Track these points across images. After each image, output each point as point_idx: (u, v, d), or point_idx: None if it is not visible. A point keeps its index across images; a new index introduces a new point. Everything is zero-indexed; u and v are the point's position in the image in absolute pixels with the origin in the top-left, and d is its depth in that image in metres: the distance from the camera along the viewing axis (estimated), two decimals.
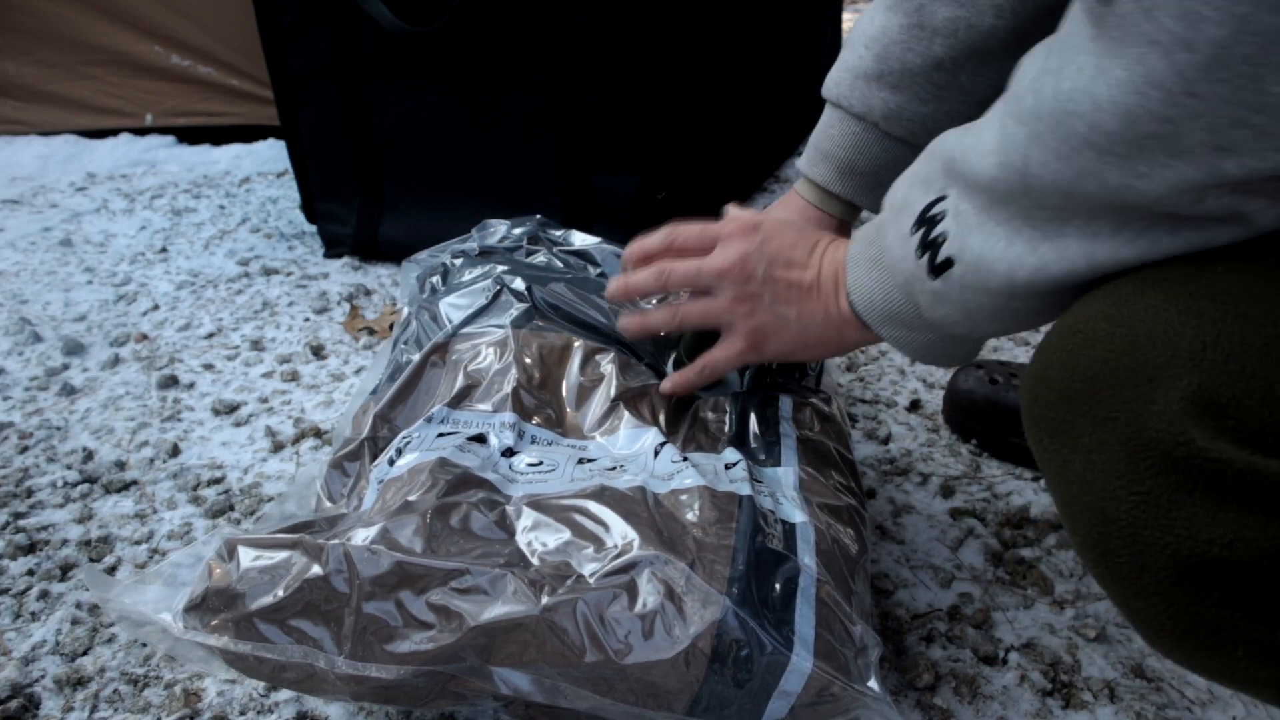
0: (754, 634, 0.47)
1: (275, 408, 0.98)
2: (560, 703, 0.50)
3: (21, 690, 0.64)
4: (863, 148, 0.67)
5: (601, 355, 0.67)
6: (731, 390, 0.71)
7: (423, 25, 1.13)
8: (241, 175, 1.75)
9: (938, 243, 0.45)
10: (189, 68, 1.81)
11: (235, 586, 0.49)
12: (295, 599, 0.48)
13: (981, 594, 0.73)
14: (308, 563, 0.48)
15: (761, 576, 0.50)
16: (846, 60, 0.67)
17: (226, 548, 0.50)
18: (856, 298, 0.54)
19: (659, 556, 0.49)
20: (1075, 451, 0.38)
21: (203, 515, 0.81)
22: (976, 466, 0.88)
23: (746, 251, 0.59)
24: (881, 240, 0.52)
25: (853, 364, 1.06)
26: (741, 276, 0.59)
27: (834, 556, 0.54)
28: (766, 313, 0.59)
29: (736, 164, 1.56)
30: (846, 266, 0.55)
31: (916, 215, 0.47)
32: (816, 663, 0.47)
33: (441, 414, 0.62)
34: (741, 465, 0.58)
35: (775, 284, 0.58)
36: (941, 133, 0.48)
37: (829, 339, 0.59)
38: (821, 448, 0.64)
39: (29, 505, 0.83)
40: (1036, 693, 0.64)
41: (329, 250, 1.37)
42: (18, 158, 1.80)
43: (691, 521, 0.52)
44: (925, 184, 0.47)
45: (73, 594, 0.73)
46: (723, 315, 0.61)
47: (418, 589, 0.48)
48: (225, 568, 0.50)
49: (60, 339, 1.12)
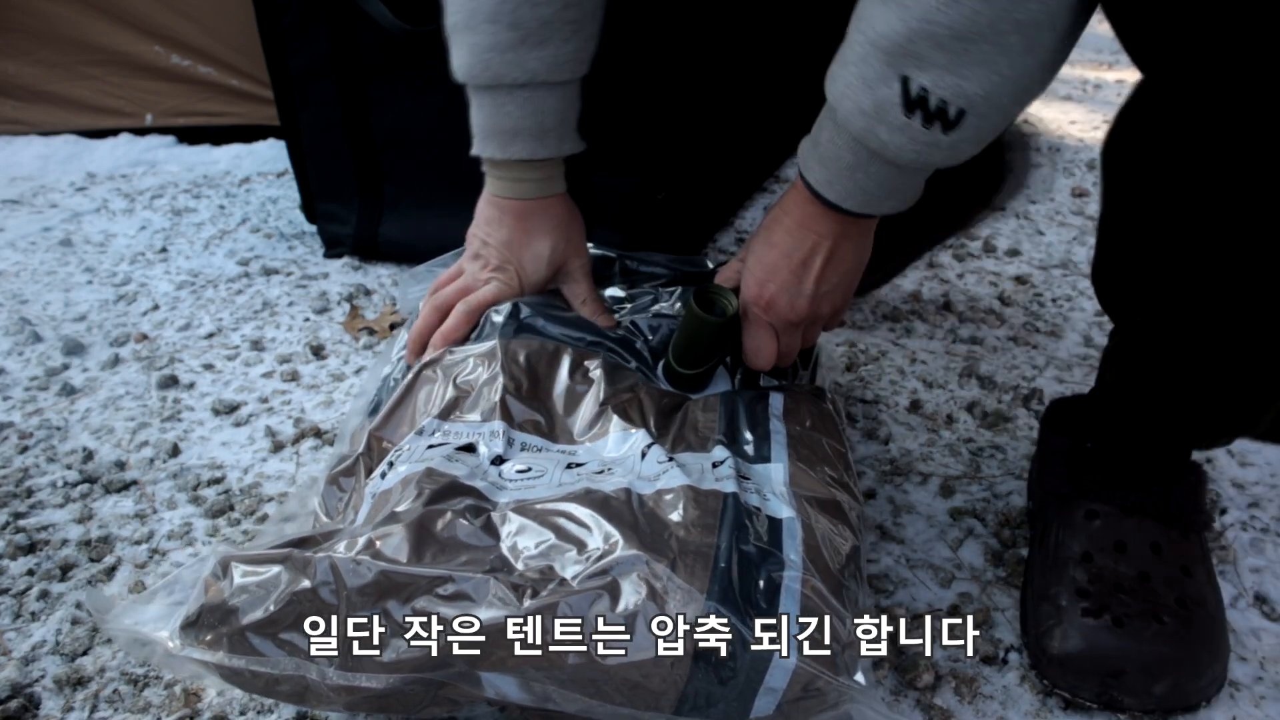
0: (736, 631, 0.47)
1: (275, 408, 0.98)
2: (549, 706, 0.50)
3: (21, 690, 0.64)
4: (542, 107, 0.69)
5: (590, 361, 0.68)
6: (722, 389, 0.70)
7: (423, 25, 1.13)
8: (241, 175, 1.75)
9: (944, 108, 0.50)
10: (189, 68, 1.81)
11: (229, 602, 0.50)
12: (286, 612, 0.49)
13: (981, 594, 0.73)
14: (296, 576, 0.49)
15: (744, 573, 0.50)
16: (478, 44, 0.66)
17: (221, 565, 0.51)
18: (854, 204, 0.59)
19: (640, 557, 0.49)
20: None
21: (203, 515, 0.81)
22: (976, 467, 0.88)
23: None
24: (867, 146, 0.55)
25: (853, 364, 1.06)
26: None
27: (821, 551, 0.54)
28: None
29: (736, 164, 1.56)
30: (819, 198, 0.60)
31: (900, 104, 0.51)
32: (800, 658, 0.47)
33: (432, 426, 0.62)
34: (728, 463, 0.58)
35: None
36: (588, 57, 0.68)
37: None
38: (813, 442, 0.64)
39: (29, 505, 0.83)
40: (1036, 693, 0.64)
41: (329, 250, 1.37)
42: (18, 158, 1.79)
43: (675, 521, 0.53)
44: (881, 81, 0.51)
45: (73, 594, 0.73)
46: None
47: (403, 597, 0.49)
48: (219, 584, 0.51)
49: (60, 339, 1.12)
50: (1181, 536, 0.67)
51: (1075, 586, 0.65)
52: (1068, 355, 1.10)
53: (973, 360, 1.07)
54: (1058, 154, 1.86)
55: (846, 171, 0.58)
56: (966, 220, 1.04)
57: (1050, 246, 1.41)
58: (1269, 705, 0.64)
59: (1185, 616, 0.62)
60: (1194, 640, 0.61)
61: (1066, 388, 1.02)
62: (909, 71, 0.50)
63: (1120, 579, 0.65)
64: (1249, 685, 0.65)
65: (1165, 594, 0.63)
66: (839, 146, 0.57)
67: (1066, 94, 2.34)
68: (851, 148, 0.56)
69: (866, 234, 0.65)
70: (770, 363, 0.68)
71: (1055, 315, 1.19)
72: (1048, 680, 0.63)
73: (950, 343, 1.12)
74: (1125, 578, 0.64)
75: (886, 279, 1.17)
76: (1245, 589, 0.74)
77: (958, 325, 1.16)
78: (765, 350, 0.68)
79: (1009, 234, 1.45)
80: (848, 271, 0.66)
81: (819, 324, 0.70)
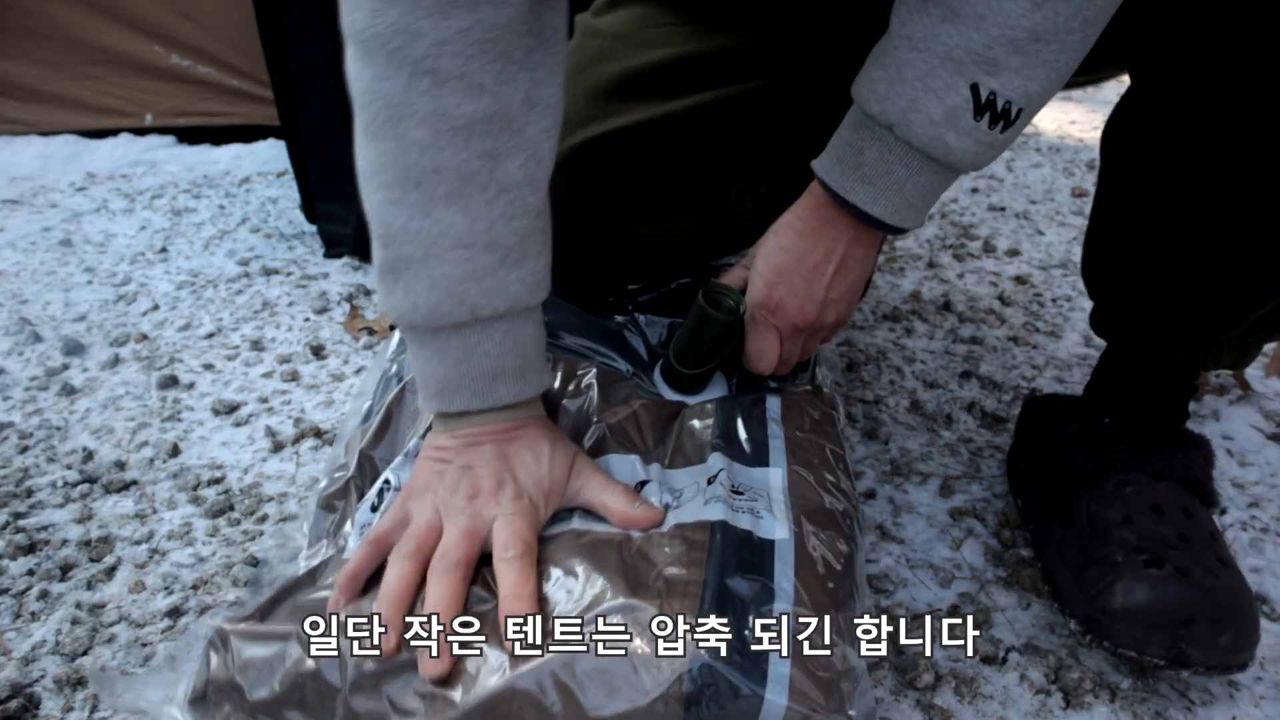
0: (722, 677, 0.45)
1: (275, 408, 0.98)
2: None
3: (21, 690, 0.64)
4: (523, 337, 0.58)
5: (583, 371, 0.67)
6: (718, 395, 0.70)
7: None
8: (241, 175, 1.75)
9: (1008, 108, 0.53)
10: (189, 68, 1.81)
11: (235, 678, 0.51)
12: (290, 694, 0.50)
13: (981, 594, 0.73)
14: (301, 656, 0.50)
15: (733, 610, 0.48)
16: (446, 275, 0.54)
17: (220, 637, 0.52)
18: (898, 219, 0.59)
19: (627, 605, 0.48)
20: None
21: (203, 515, 0.81)
22: (976, 467, 0.88)
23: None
24: (928, 154, 0.56)
25: (853, 364, 1.06)
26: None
27: (815, 572, 0.52)
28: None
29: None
30: (861, 214, 0.59)
31: (970, 109, 0.53)
32: (791, 701, 0.46)
33: (417, 449, 0.62)
34: (721, 477, 0.58)
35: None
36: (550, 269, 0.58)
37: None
38: (810, 446, 0.64)
39: (29, 505, 0.83)
40: (1036, 693, 0.64)
41: (329, 250, 1.37)
42: (18, 158, 1.79)
43: (664, 557, 0.52)
44: (950, 90, 0.53)
45: (73, 594, 0.73)
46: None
47: (404, 677, 0.49)
48: (223, 657, 0.52)
49: (60, 339, 1.12)
50: (1203, 505, 0.70)
51: (1129, 545, 0.64)
52: (1068, 355, 1.10)
53: (973, 360, 1.07)
54: (1058, 154, 1.86)
55: (896, 185, 0.58)
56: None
57: (1050, 246, 1.41)
58: (1269, 705, 0.64)
59: (1231, 574, 0.63)
60: (1245, 596, 0.62)
61: (1066, 388, 1.03)
62: (979, 78, 0.52)
63: (1165, 538, 0.65)
64: (1249, 685, 0.65)
65: (1207, 553, 0.64)
66: (890, 161, 0.57)
67: (1066, 94, 2.34)
68: (904, 159, 0.57)
69: (875, 246, 0.65)
70: (771, 367, 0.68)
71: (1055, 315, 1.19)
72: (1109, 641, 0.61)
73: (950, 343, 1.12)
74: (1169, 537, 0.65)
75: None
76: None
77: (958, 325, 1.16)
78: (768, 354, 0.68)
79: (1009, 234, 1.45)
80: (855, 281, 0.66)
81: (821, 333, 0.70)
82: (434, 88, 0.50)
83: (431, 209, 0.53)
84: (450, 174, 0.52)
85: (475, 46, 0.50)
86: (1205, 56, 0.58)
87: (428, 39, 0.49)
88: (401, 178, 0.52)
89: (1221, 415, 0.96)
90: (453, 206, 0.53)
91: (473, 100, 0.51)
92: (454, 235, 0.53)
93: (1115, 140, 0.70)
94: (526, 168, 0.55)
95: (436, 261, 0.54)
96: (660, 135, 0.77)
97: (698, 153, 0.78)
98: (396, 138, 0.52)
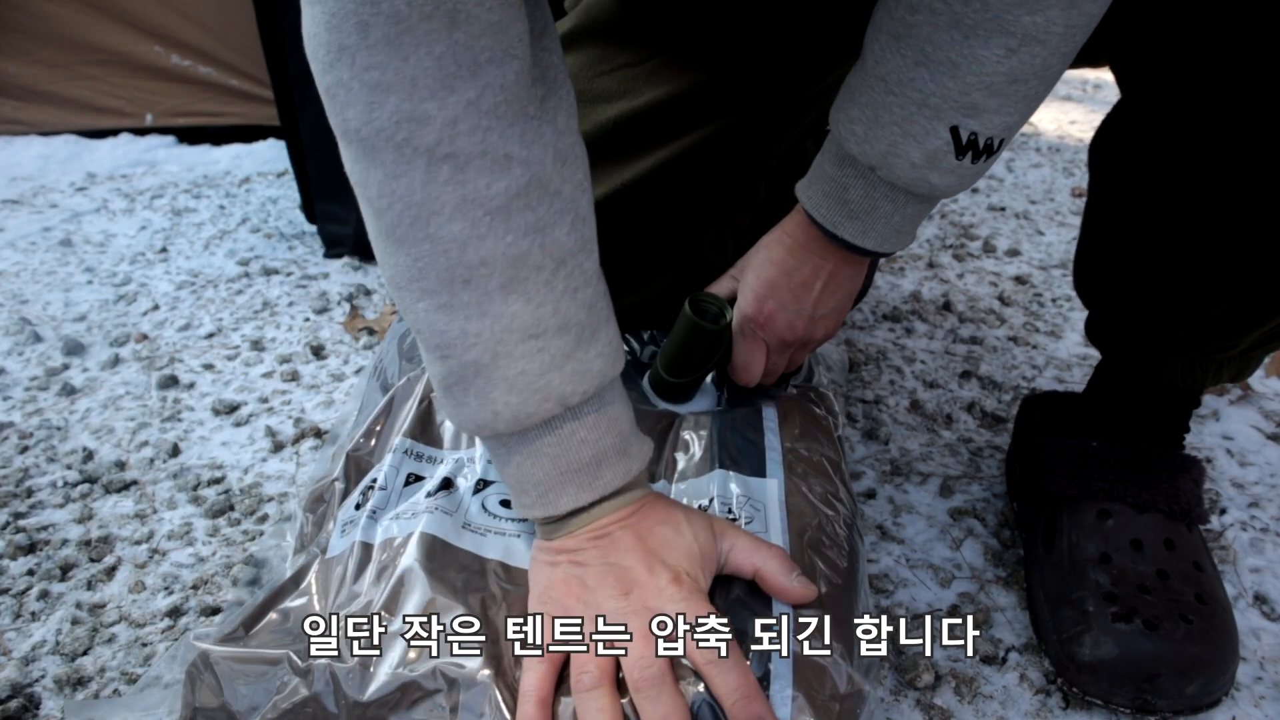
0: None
1: (275, 408, 0.98)
2: None
3: (21, 690, 0.64)
4: (615, 413, 0.53)
5: None
6: (708, 403, 0.70)
7: None
8: (241, 175, 1.75)
9: (990, 142, 0.53)
10: (189, 68, 1.81)
11: (227, 704, 0.49)
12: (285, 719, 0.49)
13: (981, 594, 0.73)
14: (297, 684, 0.49)
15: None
16: (525, 373, 0.48)
17: (201, 659, 0.51)
18: (889, 246, 0.60)
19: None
20: None
21: (203, 515, 0.81)
22: (976, 467, 0.88)
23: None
24: (912, 192, 0.56)
25: (853, 364, 1.06)
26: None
27: (809, 668, 0.49)
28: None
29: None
30: (852, 248, 0.60)
31: (951, 151, 0.53)
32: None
33: (404, 445, 0.62)
34: (717, 504, 0.58)
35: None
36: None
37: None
38: (809, 456, 0.64)
39: (29, 505, 0.83)
40: (1036, 693, 0.64)
41: (329, 250, 1.37)
42: (18, 158, 1.79)
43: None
44: (929, 134, 0.52)
45: (73, 594, 0.73)
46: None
47: (407, 703, 0.48)
48: (210, 683, 0.50)
49: (60, 339, 1.12)
50: (1188, 530, 0.69)
51: (1101, 591, 0.64)
52: (1068, 355, 1.10)
53: (973, 360, 1.07)
54: (1058, 154, 1.86)
55: (884, 219, 0.58)
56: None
57: (1050, 246, 1.41)
58: (1269, 705, 0.64)
59: (1207, 614, 0.62)
60: (1218, 637, 0.62)
61: (1066, 388, 1.02)
62: (958, 121, 0.52)
63: (1142, 578, 0.64)
64: (1249, 685, 0.65)
65: (1185, 591, 0.64)
66: (875, 199, 0.58)
67: (1066, 94, 2.34)
68: (890, 196, 0.57)
69: (863, 265, 0.66)
70: (756, 379, 0.68)
71: (1055, 315, 1.19)
72: (1077, 688, 0.62)
73: (950, 343, 1.12)
74: (1146, 576, 0.65)
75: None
76: (1245, 589, 0.74)
77: (958, 325, 1.16)
78: (754, 365, 0.67)
79: (1009, 234, 1.45)
80: (844, 298, 0.66)
81: (808, 349, 0.70)
82: (457, 173, 0.44)
83: (489, 305, 0.47)
84: (500, 262, 0.46)
85: (489, 116, 0.44)
86: (1197, 69, 0.57)
87: (437, 122, 0.43)
88: (447, 280, 0.46)
89: (1221, 415, 0.96)
90: (511, 296, 0.47)
91: (503, 175, 0.45)
92: (520, 327, 0.48)
93: (1105, 153, 0.69)
94: (575, 231, 0.49)
95: (508, 360, 0.48)
96: (624, 205, 0.73)
97: (664, 214, 0.76)
98: (429, 239, 0.46)
